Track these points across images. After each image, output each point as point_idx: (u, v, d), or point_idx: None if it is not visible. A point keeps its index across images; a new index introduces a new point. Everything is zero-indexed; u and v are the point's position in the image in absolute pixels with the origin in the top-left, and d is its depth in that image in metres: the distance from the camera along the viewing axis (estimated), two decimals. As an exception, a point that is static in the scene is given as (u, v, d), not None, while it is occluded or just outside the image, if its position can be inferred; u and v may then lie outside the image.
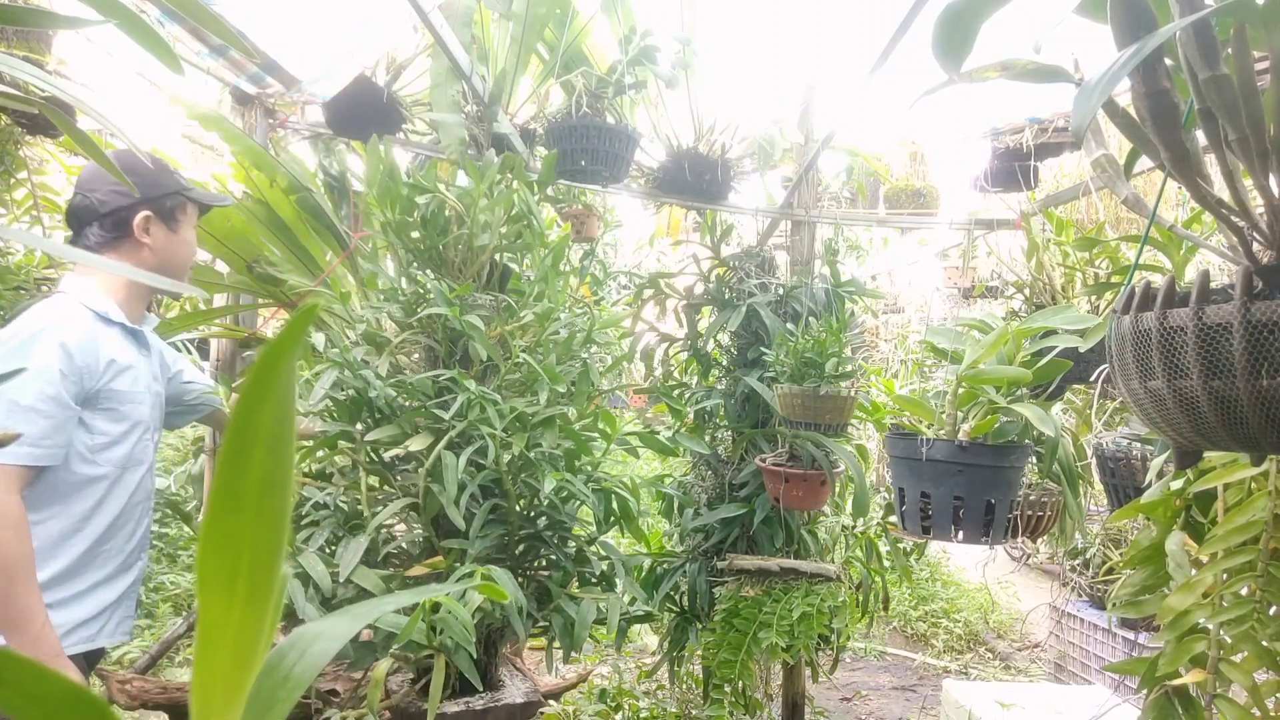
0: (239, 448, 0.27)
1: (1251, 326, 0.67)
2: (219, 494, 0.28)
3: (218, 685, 0.28)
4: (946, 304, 4.60)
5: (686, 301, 2.83)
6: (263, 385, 0.27)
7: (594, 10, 2.55)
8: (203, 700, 0.28)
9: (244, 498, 0.28)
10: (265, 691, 0.30)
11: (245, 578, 0.28)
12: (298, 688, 0.30)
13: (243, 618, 0.28)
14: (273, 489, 0.28)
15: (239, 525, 0.28)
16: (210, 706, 0.28)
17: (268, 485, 0.28)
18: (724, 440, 2.83)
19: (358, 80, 2.29)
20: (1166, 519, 1.38)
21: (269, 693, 0.30)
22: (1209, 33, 0.69)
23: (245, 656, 0.29)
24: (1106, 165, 0.93)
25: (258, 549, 0.28)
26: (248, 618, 0.28)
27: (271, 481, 0.28)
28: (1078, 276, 2.39)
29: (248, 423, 0.27)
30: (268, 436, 0.28)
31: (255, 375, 0.28)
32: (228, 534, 0.28)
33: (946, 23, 0.81)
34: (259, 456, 0.28)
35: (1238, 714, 1.20)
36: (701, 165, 2.63)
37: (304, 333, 0.29)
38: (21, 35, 2.25)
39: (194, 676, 0.29)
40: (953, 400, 1.78)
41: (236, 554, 0.28)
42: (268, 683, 0.30)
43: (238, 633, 0.28)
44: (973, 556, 4.70)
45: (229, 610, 0.28)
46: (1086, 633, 3.73)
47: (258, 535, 0.28)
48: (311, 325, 1.40)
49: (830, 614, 2.36)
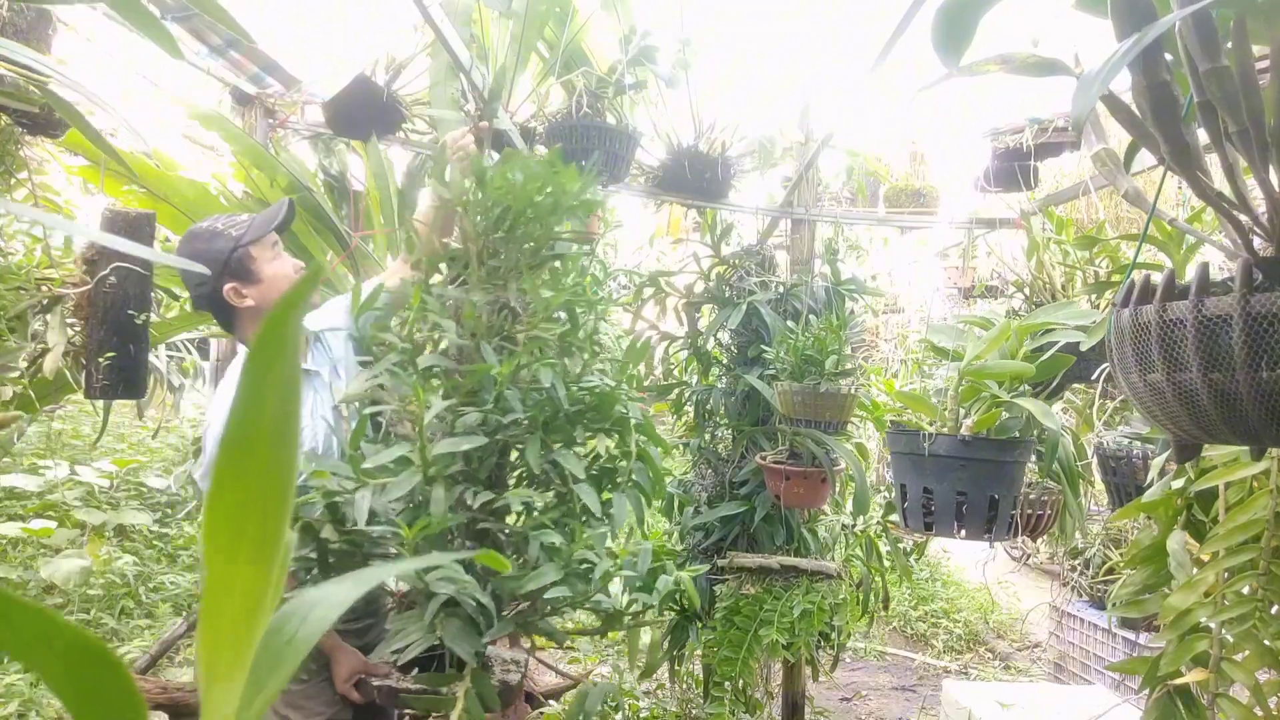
0: (248, 410, 0.28)
1: (1251, 319, 0.67)
2: (228, 453, 0.28)
3: (224, 644, 0.29)
4: (946, 304, 4.60)
5: (686, 300, 2.82)
6: (272, 343, 0.28)
7: (594, 9, 2.55)
8: (210, 659, 0.29)
9: (251, 457, 0.28)
10: (270, 653, 0.30)
11: (252, 536, 0.28)
12: (301, 650, 0.31)
13: (249, 576, 0.29)
14: (280, 449, 0.28)
15: (246, 485, 0.28)
16: (217, 665, 0.29)
17: (275, 446, 0.28)
18: (724, 438, 2.82)
19: (357, 80, 2.28)
20: (1168, 518, 1.38)
21: (274, 654, 0.30)
22: (1209, 25, 0.68)
23: (251, 615, 0.29)
24: (1107, 159, 0.93)
25: (264, 508, 0.28)
26: (254, 576, 0.29)
27: (279, 443, 0.28)
28: (1078, 275, 2.39)
29: (258, 382, 0.27)
30: (275, 397, 0.28)
31: (265, 333, 0.28)
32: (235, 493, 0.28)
33: (946, 17, 0.81)
34: (267, 417, 0.28)
35: (1240, 713, 1.20)
36: (702, 164, 2.63)
37: (311, 292, 0.29)
38: (21, 35, 2.25)
39: (200, 636, 0.29)
40: (955, 395, 1.78)
41: (243, 513, 0.28)
42: (273, 644, 0.30)
43: (244, 591, 0.29)
44: (972, 556, 4.70)
45: (234, 568, 0.28)
46: (1087, 633, 3.73)
47: (264, 495, 0.28)
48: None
49: (831, 612, 2.36)
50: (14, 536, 3.05)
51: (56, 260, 2.34)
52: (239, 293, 1.64)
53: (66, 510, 3.49)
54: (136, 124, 1.46)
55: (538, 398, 1.28)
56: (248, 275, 1.65)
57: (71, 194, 2.40)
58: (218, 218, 1.72)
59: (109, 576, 3.44)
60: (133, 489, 4.06)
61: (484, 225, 1.36)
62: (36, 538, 3.10)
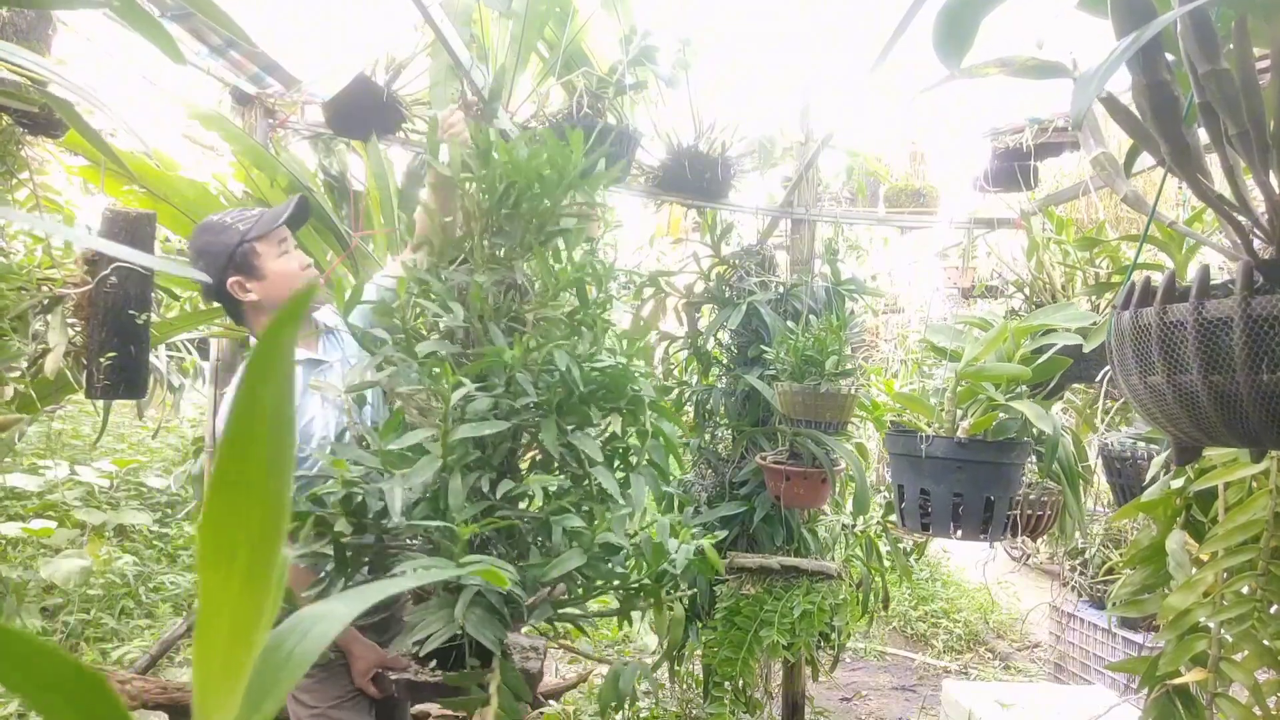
0: (243, 424, 0.27)
1: (1252, 321, 0.67)
2: (223, 468, 0.28)
3: (219, 663, 0.28)
4: (946, 304, 4.60)
5: (686, 300, 2.82)
6: (266, 363, 0.27)
7: (594, 9, 2.55)
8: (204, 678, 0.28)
9: (247, 473, 0.28)
10: (267, 671, 0.30)
11: (246, 554, 0.28)
12: (299, 668, 0.30)
13: (243, 594, 0.28)
14: (275, 466, 0.28)
15: (241, 500, 0.28)
16: (211, 685, 0.28)
17: (271, 462, 0.28)
18: (724, 438, 2.82)
19: (357, 79, 2.28)
20: (1167, 518, 1.38)
21: (271, 672, 0.30)
22: (1209, 26, 0.68)
23: (246, 634, 0.29)
24: (1106, 163, 0.93)
25: (259, 525, 0.28)
26: (248, 594, 0.28)
27: (274, 458, 0.28)
28: (1078, 276, 2.39)
29: (252, 399, 0.27)
30: (271, 412, 0.28)
31: (259, 352, 0.28)
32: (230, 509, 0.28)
33: (947, 18, 0.81)
34: (262, 432, 0.28)
35: (1239, 713, 1.20)
36: (702, 164, 2.63)
37: (302, 312, 0.29)
38: (21, 36, 2.25)
39: (195, 653, 0.29)
40: (952, 397, 1.78)
41: (237, 530, 0.28)
42: (270, 662, 0.30)
43: (238, 610, 0.28)
44: (973, 556, 4.70)
45: (229, 586, 0.28)
46: (1086, 633, 3.73)
47: (260, 510, 0.28)
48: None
49: (831, 612, 2.36)
50: (14, 536, 3.05)
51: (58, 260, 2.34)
52: (243, 287, 1.66)
53: (66, 510, 3.49)
54: (136, 124, 1.46)
55: (550, 380, 1.26)
56: (251, 270, 1.66)
57: (72, 194, 2.40)
58: (230, 211, 1.74)
59: (109, 576, 3.44)
60: (133, 489, 4.05)
61: (487, 203, 1.34)
62: (36, 538, 3.10)
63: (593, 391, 1.29)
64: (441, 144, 1.64)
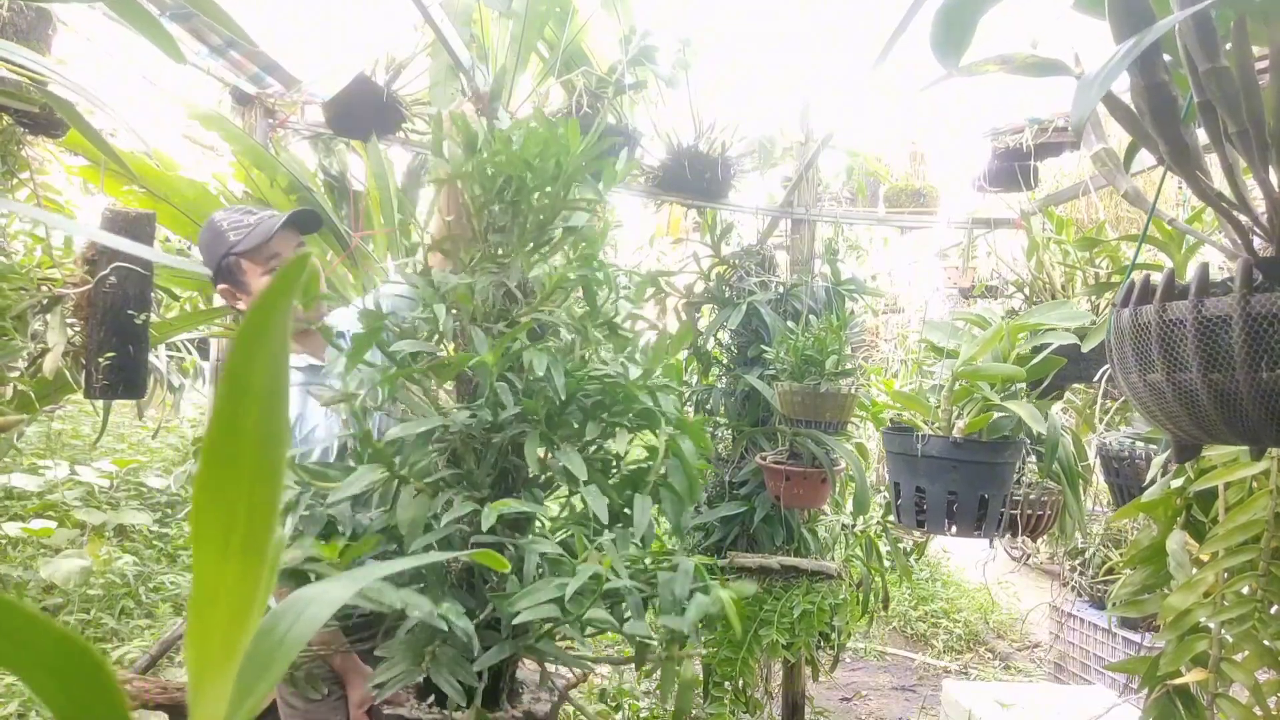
0: (233, 398, 0.27)
1: (1251, 319, 0.67)
2: (213, 446, 0.27)
3: (213, 644, 0.28)
4: (946, 304, 4.60)
5: (686, 300, 2.82)
6: (257, 334, 0.27)
7: (594, 9, 2.55)
8: (198, 659, 0.28)
9: (239, 449, 0.27)
10: (260, 653, 0.29)
11: (240, 532, 0.28)
12: (292, 650, 0.30)
13: (237, 574, 0.28)
14: (268, 439, 0.27)
15: (234, 477, 0.27)
16: (205, 666, 0.28)
17: (263, 437, 0.27)
18: (724, 438, 2.82)
19: (357, 80, 2.28)
20: (1167, 518, 1.37)
21: (264, 654, 0.29)
22: (1209, 25, 0.68)
23: (240, 615, 0.28)
24: (1106, 159, 0.93)
25: (253, 502, 0.28)
26: (243, 574, 0.28)
27: (267, 431, 0.27)
28: (1078, 275, 2.39)
29: (242, 373, 0.27)
30: (262, 388, 0.27)
31: (249, 323, 0.27)
32: (222, 486, 0.27)
33: (945, 17, 0.81)
34: (253, 408, 0.27)
35: (1239, 713, 1.20)
36: (702, 164, 2.63)
37: (296, 282, 0.28)
38: (22, 35, 2.25)
39: (188, 635, 0.28)
40: (948, 397, 1.78)
41: (231, 507, 0.27)
42: (263, 645, 0.29)
43: (232, 590, 0.28)
44: (973, 556, 4.70)
45: (223, 566, 0.27)
46: (1086, 633, 3.73)
47: (253, 487, 0.27)
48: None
49: (831, 612, 2.36)
50: (14, 536, 3.05)
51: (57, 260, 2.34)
52: (233, 295, 1.68)
53: (66, 510, 3.49)
54: (136, 124, 1.46)
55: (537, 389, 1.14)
56: (237, 284, 1.67)
57: (72, 194, 2.40)
58: (235, 210, 1.73)
59: (109, 576, 3.44)
60: (133, 489, 4.05)
61: (483, 197, 1.26)
62: (36, 538, 3.10)
63: (597, 403, 1.17)
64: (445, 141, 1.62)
